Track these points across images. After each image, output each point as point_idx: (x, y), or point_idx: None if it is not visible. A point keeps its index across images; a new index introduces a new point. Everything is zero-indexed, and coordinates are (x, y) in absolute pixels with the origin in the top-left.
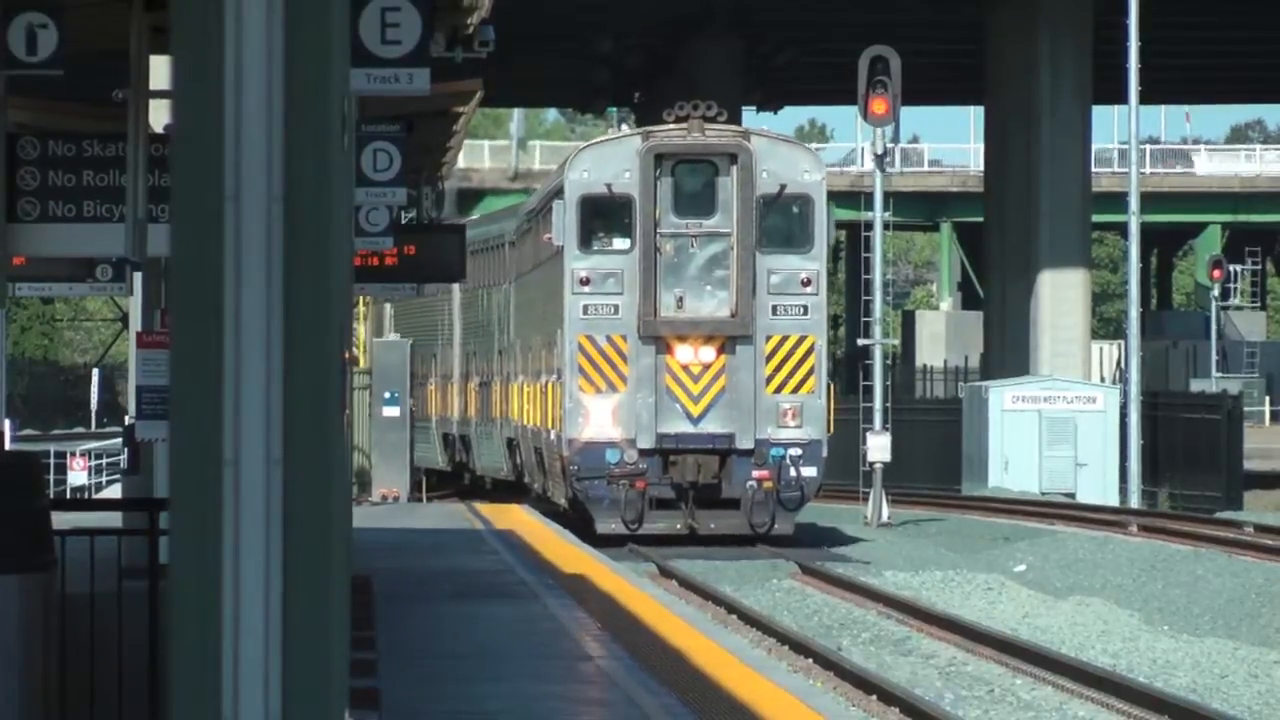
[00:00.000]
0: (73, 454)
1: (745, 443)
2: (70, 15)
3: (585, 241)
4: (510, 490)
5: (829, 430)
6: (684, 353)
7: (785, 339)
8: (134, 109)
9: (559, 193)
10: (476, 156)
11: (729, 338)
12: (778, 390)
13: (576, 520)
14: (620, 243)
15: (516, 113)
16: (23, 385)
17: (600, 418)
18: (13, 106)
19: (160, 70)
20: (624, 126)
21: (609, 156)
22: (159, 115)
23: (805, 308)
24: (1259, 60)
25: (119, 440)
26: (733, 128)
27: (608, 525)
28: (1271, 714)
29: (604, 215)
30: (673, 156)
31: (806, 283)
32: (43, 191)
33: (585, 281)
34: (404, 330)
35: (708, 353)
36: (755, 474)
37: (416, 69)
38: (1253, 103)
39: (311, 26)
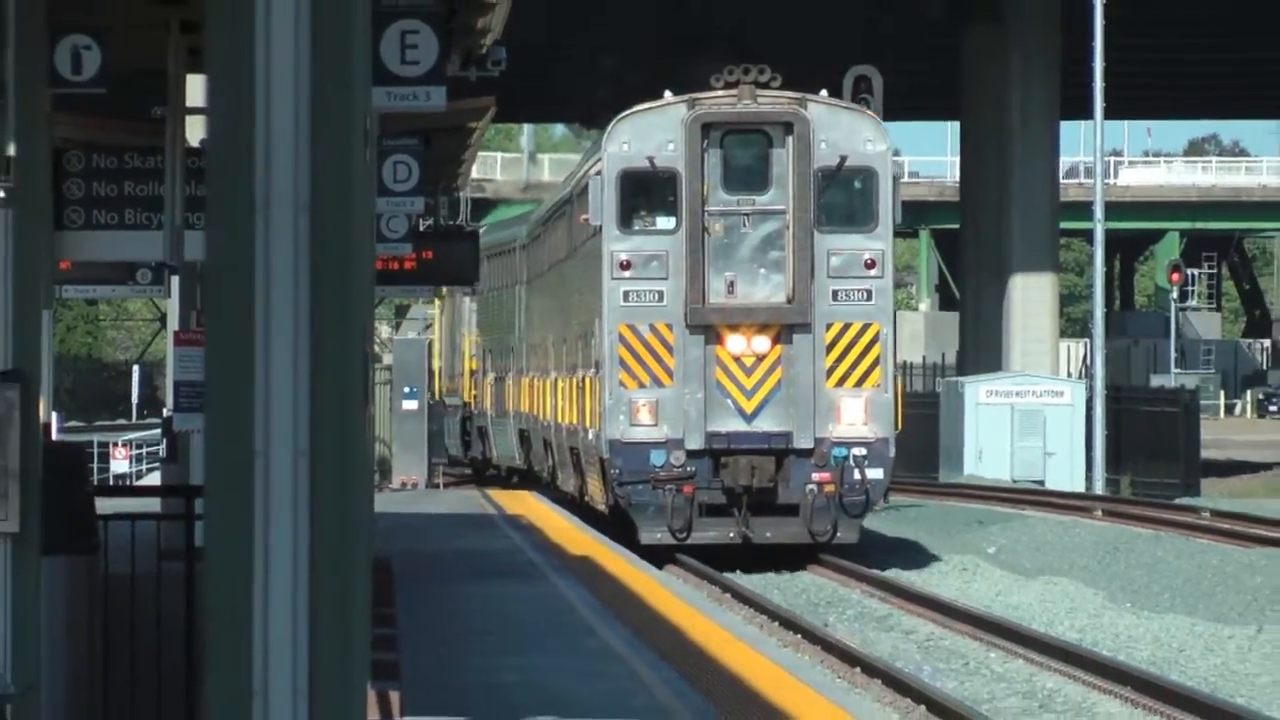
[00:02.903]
0: (115, 444)
1: (804, 442)
2: (112, 37)
3: (625, 221)
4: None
5: (897, 427)
6: (736, 343)
7: (847, 327)
8: (171, 125)
9: (596, 168)
10: (489, 168)
11: (785, 326)
12: (839, 384)
13: (618, 527)
14: (664, 222)
15: (527, 127)
16: (69, 380)
17: (644, 416)
18: (59, 122)
19: (196, 89)
20: None
21: (651, 127)
22: (195, 130)
23: (869, 292)
24: (1214, 80)
25: (158, 431)
26: (788, 94)
27: (653, 535)
28: (1226, 685)
29: (646, 192)
30: (721, 126)
31: (870, 264)
32: (87, 201)
33: (626, 265)
34: (483, 327)
35: (762, 343)
36: (815, 476)
37: (433, 87)
38: (1209, 118)
39: (335, 48)
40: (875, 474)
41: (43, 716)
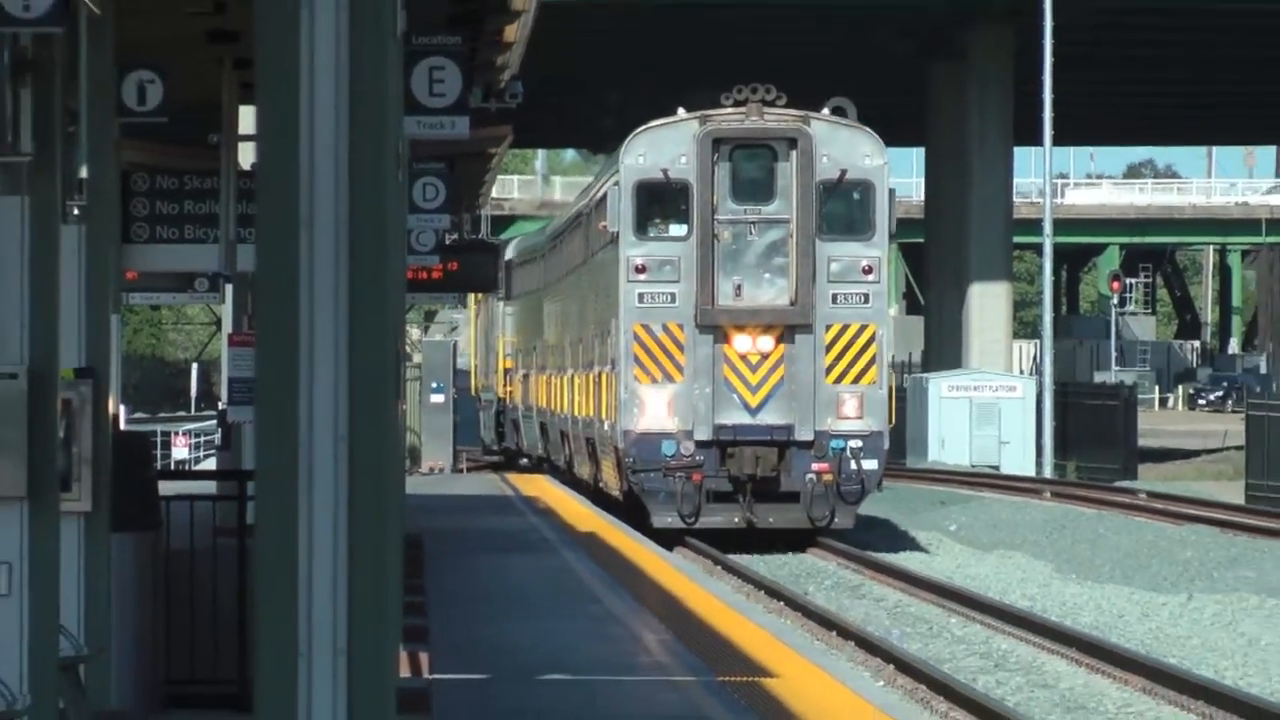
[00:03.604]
0: (176, 433)
1: (805, 434)
2: (173, 72)
3: (641, 228)
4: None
5: (891, 421)
6: (742, 342)
7: (846, 328)
8: (226, 150)
9: (613, 179)
10: (507, 188)
11: (788, 327)
12: (838, 380)
13: (631, 512)
14: (677, 229)
15: (540, 152)
16: (135, 377)
17: (656, 409)
18: (126, 148)
19: (247, 118)
20: None
21: (665, 141)
22: (246, 155)
23: (866, 296)
24: (1150, 110)
25: (214, 422)
26: (792, 111)
27: (664, 519)
28: (1160, 646)
29: (660, 201)
30: (730, 141)
31: (868, 270)
32: (151, 218)
33: (641, 269)
34: (515, 329)
35: (766, 342)
36: (815, 466)
37: (458, 117)
38: (1145, 145)
39: (371, 83)
40: (870, 464)
41: (112, 675)
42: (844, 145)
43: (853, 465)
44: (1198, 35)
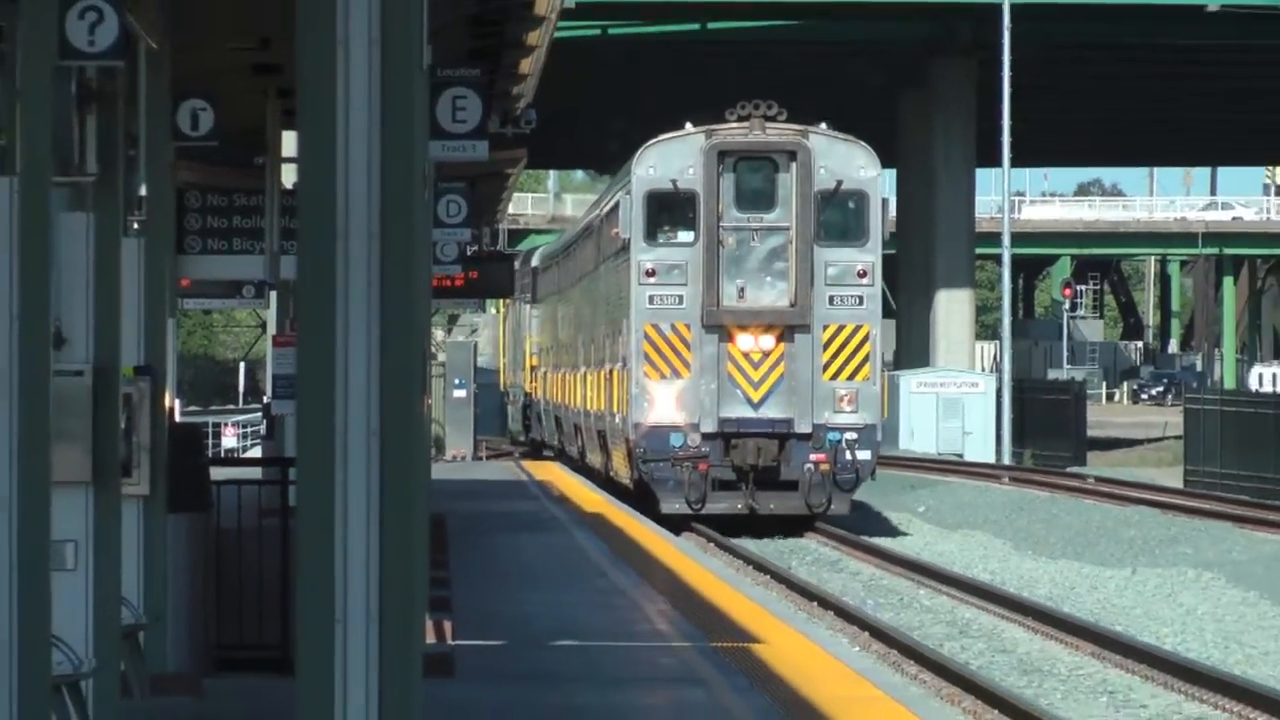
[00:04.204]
0: (225, 424)
1: (803, 427)
2: (222, 101)
3: (651, 235)
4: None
5: (883, 415)
6: (745, 341)
7: (841, 328)
8: (269, 171)
9: (626, 189)
10: (522, 205)
11: (788, 327)
12: (834, 377)
13: (641, 499)
14: (684, 236)
15: (552, 173)
16: (189, 374)
17: (665, 403)
18: (181, 169)
19: (289, 142)
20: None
21: (674, 153)
22: (288, 175)
23: (861, 298)
24: (1098, 134)
25: (259, 414)
26: (792, 126)
27: (672, 505)
28: (1107, 615)
29: (669, 209)
30: (734, 153)
31: (862, 274)
32: (203, 231)
33: (651, 273)
34: (540, 330)
35: (768, 341)
36: (813, 457)
37: (478, 141)
38: (1093, 166)
39: (399, 111)
40: (864, 455)
41: (168, 641)
42: (840, 157)
43: (848, 456)
44: (1140, 68)
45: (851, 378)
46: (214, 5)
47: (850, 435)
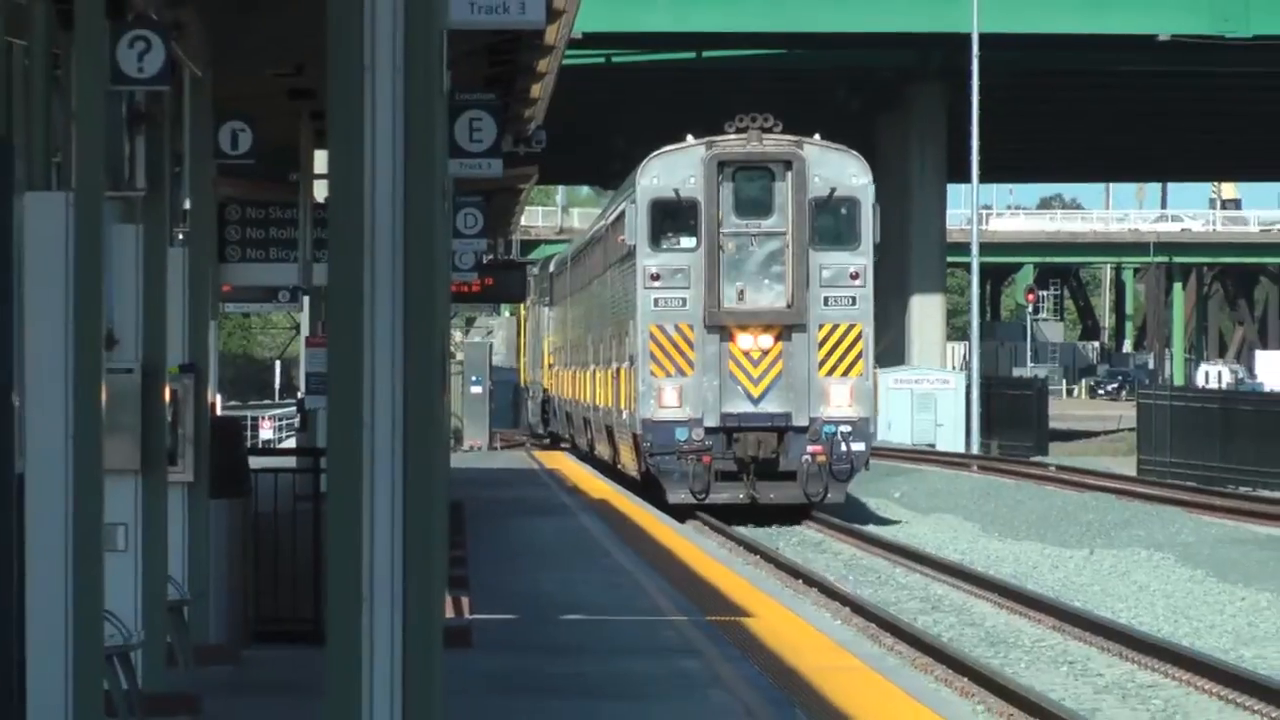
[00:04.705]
0: (262, 417)
1: (801, 421)
2: (260, 122)
3: (655, 241)
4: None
5: (876, 409)
6: (745, 340)
7: (836, 327)
8: (303, 186)
9: (631, 198)
10: (533, 218)
11: (785, 326)
12: (829, 373)
13: (648, 490)
14: (687, 241)
15: (560, 188)
16: (229, 372)
17: (670, 399)
18: (222, 184)
19: (321, 160)
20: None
21: (676, 164)
22: (320, 190)
23: (854, 299)
24: (1059, 153)
25: (294, 408)
26: (788, 137)
27: (678, 495)
28: (1067, 591)
29: (672, 217)
30: (734, 164)
31: (854, 276)
32: (243, 241)
33: (656, 277)
34: (556, 331)
35: (766, 340)
36: (810, 449)
37: (493, 159)
38: (1055, 182)
39: (422, 132)
40: (858, 447)
41: (210, 615)
42: (833, 166)
43: (843, 447)
44: (1098, 93)
45: (846, 374)
46: (252, 35)
47: (845, 428)
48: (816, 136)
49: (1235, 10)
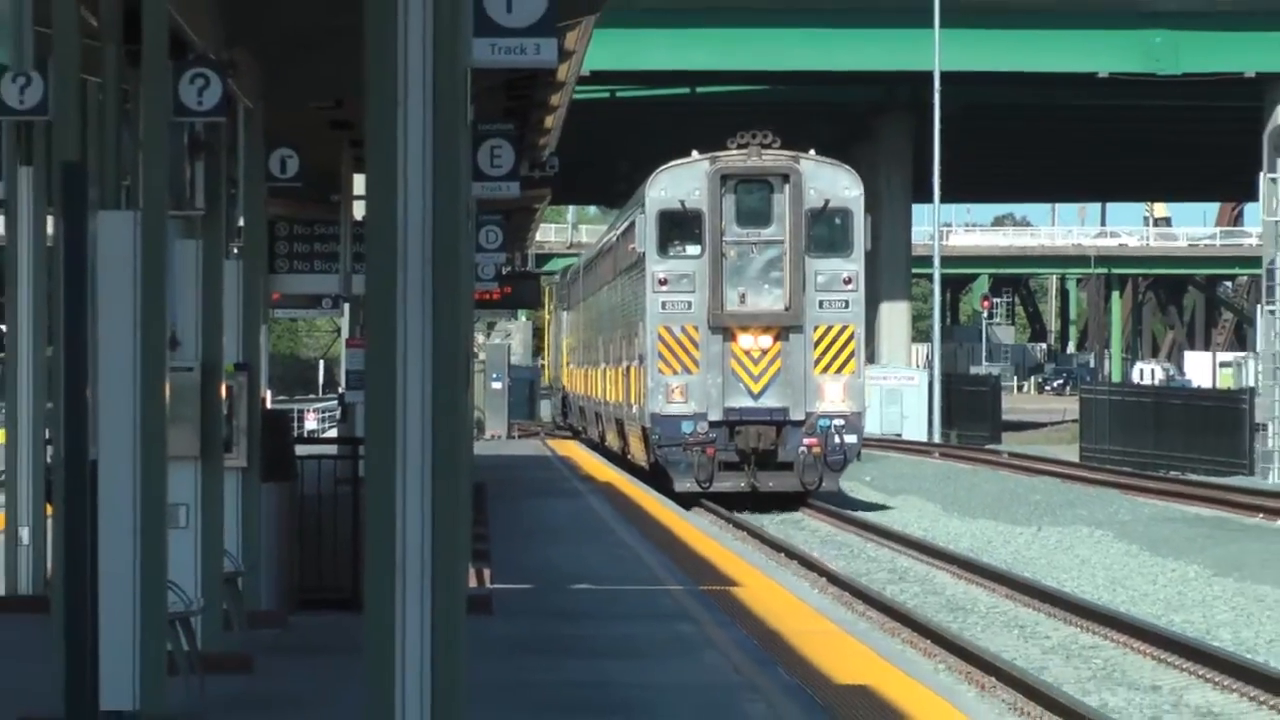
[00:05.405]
0: (307, 410)
1: (798, 415)
2: (305, 150)
3: (663, 249)
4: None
5: (867, 404)
6: (746, 340)
7: (830, 328)
8: (343, 206)
9: (640, 209)
10: (546, 233)
11: (783, 328)
12: (824, 371)
13: (656, 479)
14: (692, 249)
15: (571, 207)
16: (278, 370)
17: (677, 395)
18: (272, 205)
19: (359, 183)
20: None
21: (682, 177)
22: (358, 210)
23: (847, 302)
24: (1012, 176)
25: (335, 402)
26: (786, 152)
27: (684, 484)
28: (1018, 564)
29: (678, 226)
30: (735, 177)
31: (847, 281)
32: (290, 254)
33: (663, 282)
34: (572, 331)
35: (766, 340)
36: (806, 441)
37: (511, 182)
38: (1007, 202)
39: (448, 158)
40: (851, 439)
41: (261, 585)
42: (827, 179)
43: (837, 440)
44: (1045, 124)
45: (839, 371)
46: (299, 73)
47: (839, 421)
48: (812, 152)
49: (1166, 52)
